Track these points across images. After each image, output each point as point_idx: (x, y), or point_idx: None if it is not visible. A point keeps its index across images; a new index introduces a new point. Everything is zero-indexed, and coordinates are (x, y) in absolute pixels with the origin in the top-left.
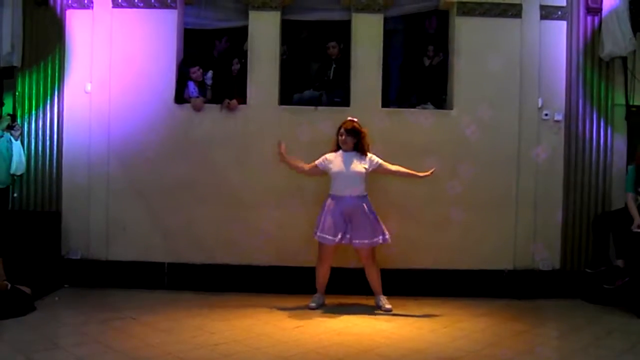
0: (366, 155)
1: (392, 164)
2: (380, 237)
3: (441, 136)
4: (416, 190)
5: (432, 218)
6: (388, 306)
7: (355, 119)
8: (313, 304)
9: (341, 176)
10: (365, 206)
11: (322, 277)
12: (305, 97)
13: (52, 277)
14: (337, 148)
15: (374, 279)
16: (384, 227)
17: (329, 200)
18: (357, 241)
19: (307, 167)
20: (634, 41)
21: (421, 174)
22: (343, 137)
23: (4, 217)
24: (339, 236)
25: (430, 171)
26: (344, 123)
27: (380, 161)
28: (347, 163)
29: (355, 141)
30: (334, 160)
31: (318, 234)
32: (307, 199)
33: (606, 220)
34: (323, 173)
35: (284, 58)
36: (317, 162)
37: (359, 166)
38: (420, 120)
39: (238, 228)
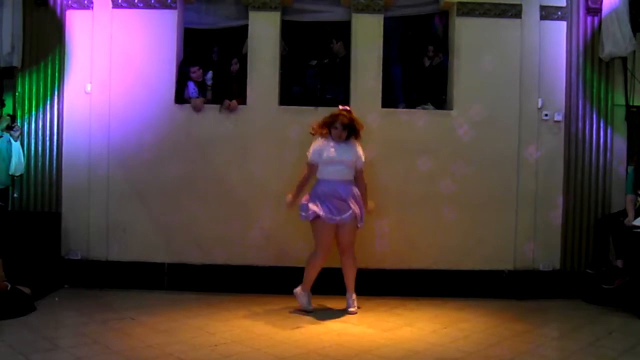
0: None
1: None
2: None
3: (441, 136)
4: (415, 190)
5: (432, 218)
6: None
7: (348, 108)
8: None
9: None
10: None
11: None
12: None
13: (52, 277)
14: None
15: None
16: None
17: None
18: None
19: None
20: (634, 41)
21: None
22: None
23: (3, 218)
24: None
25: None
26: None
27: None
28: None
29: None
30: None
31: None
32: None
33: (606, 222)
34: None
35: (284, 54)
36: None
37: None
38: (420, 120)
39: (238, 228)
